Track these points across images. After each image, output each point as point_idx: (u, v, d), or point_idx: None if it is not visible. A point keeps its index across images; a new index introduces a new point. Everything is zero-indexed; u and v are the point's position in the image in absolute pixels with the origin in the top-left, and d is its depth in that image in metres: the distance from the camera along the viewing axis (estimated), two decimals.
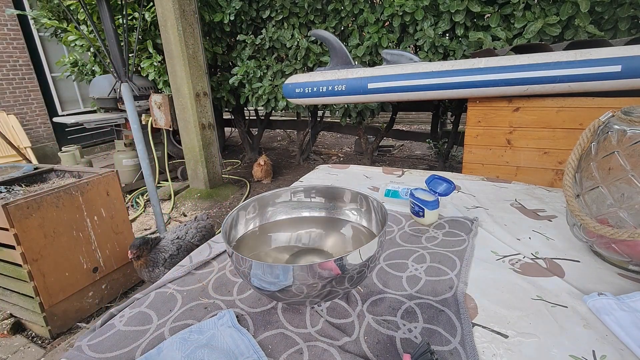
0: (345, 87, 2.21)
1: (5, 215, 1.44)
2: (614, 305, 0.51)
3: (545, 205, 0.89)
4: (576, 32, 2.16)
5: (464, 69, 1.85)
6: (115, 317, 0.57)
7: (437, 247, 0.71)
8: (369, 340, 0.49)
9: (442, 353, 0.46)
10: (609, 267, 0.63)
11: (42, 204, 1.54)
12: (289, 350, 0.48)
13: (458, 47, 2.48)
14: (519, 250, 0.70)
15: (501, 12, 2.35)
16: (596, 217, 0.61)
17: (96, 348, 0.50)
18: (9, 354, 1.68)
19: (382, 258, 0.69)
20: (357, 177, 1.19)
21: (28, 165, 1.94)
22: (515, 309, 0.54)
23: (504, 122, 1.93)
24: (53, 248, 1.58)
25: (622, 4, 2.05)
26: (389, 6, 2.58)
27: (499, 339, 0.48)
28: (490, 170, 2.04)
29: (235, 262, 0.52)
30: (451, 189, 0.85)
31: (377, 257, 0.54)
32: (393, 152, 4.44)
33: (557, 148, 1.84)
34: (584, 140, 0.65)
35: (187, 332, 0.51)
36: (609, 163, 0.59)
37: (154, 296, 0.61)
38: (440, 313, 0.53)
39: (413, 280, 0.61)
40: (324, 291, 0.50)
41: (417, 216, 0.83)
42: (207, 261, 0.70)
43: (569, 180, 0.65)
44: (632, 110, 0.58)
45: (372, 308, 0.56)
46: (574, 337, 0.48)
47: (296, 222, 0.72)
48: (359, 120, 3.28)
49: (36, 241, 1.55)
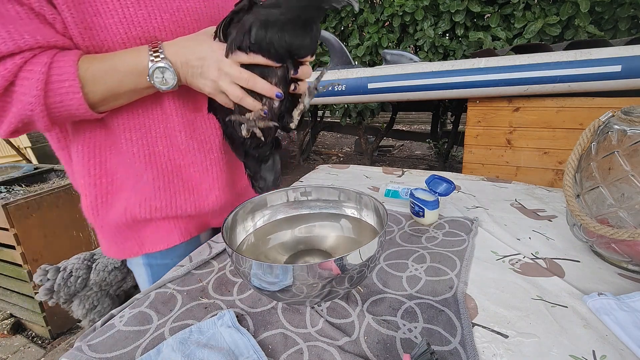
0: (345, 87, 2.21)
1: (5, 215, 1.44)
2: (614, 305, 0.51)
3: (545, 205, 0.89)
4: (576, 32, 2.16)
5: (464, 69, 1.85)
6: (115, 317, 0.57)
7: (437, 247, 0.71)
8: (369, 340, 0.49)
9: (442, 353, 0.46)
10: (609, 267, 0.63)
11: (42, 204, 1.54)
12: (289, 350, 0.48)
13: (458, 47, 2.48)
14: (519, 250, 0.70)
15: (501, 12, 2.35)
16: (596, 217, 0.61)
17: (96, 348, 0.50)
18: (9, 354, 1.68)
19: (382, 258, 0.69)
20: (357, 177, 1.19)
21: (28, 165, 1.94)
22: (515, 309, 0.54)
23: (504, 122, 1.93)
24: (53, 248, 1.59)
25: (622, 4, 2.05)
26: (389, 6, 2.58)
27: (499, 339, 0.48)
28: (490, 170, 2.04)
29: (235, 262, 0.52)
30: (451, 189, 0.85)
31: (377, 257, 0.54)
32: (393, 152, 4.45)
33: (557, 148, 1.84)
34: (584, 140, 0.65)
35: (187, 332, 0.51)
36: (609, 163, 0.60)
37: (154, 296, 0.61)
38: (440, 313, 0.53)
39: (413, 280, 0.61)
40: (324, 291, 0.50)
41: (417, 216, 0.83)
42: (207, 261, 0.70)
43: (569, 180, 0.65)
44: (632, 110, 0.58)
45: (372, 308, 0.56)
46: (574, 337, 0.48)
47: (296, 222, 0.72)
48: (359, 120, 3.28)
49: (36, 241, 1.55)
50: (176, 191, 0.69)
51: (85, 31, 0.53)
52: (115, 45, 0.55)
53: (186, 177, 0.69)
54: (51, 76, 0.49)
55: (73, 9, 0.51)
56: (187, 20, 0.60)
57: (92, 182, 0.65)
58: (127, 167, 0.65)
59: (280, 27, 0.51)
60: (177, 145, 0.66)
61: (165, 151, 0.66)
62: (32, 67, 0.48)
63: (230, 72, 0.53)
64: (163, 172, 0.67)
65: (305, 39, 0.53)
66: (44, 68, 0.48)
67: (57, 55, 0.50)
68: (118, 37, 0.55)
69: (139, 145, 0.64)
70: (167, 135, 0.65)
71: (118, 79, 0.54)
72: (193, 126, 0.67)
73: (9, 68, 0.47)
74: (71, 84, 0.50)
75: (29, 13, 0.49)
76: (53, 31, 0.51)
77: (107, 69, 0.53)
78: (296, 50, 0.54)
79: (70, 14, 0.51)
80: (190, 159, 0.68)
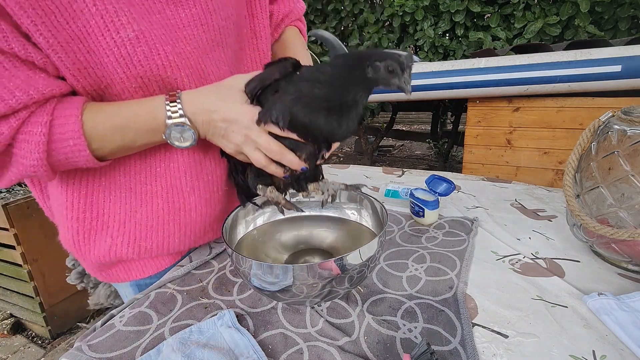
0: None
1: (5, 215, 1.44)
2: (614, 305, 0.51)
3: (545, 205, 0.89)
4: (576, 32, 2.16)
5: (464, 69, 1.85)
6: (115, 317, 0.57)
7: (437, 247, 0.71)
8: (369, 340, 0.49)
9: (442, 353, 0.46)
10: (609, 267, 0.63)
11: None
12: (289, 350, 0.48)
13: (458, 47, 2.48)
14: (519, 250, 0.70)
15: (501, 12, 2.35)
16: (596, 217, 0.61)
17: (96, 348, 0.50)
18: (9, 354, 1.68)
19: (382, 258, 0.69)
20: (357, 177, 1.19)
21: None
22: (515, 309, 0.54)
23: (504, 122, 1.93)
24: (53, 248, 1.59)
25: (622, 4, 2.05)
26: (389, 6, 2.58)
27: (499, 339, 0.48)
28: (490, 170, 2.04)
29: (235, 262, 0.52)
30: (451, 189, 0.85)
31: (377, 257, 0.54)
32: (393, 152, 4.45)
33: (557, 148, 1.84)
34: (584, 140, 0.65)
35: (187, 332, 0.51)
36: (609, 163, 0.60)
37: (154, 296, 0.61)
38: (440, 313, 0.53)
39: (413, 280, 0.61)
40: (324, 291, 0.50)
41: (417, 216, 0.83)
42: (207, 261, 0.70)
43: (569, 180, 0.65)
44: (632, 110, 0.58)
45: (372, 308, 0.56)
46: (574, 337, 0.48)
47: (296, 222, 0.72)
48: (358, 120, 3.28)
49: (36, 241, 1.55)
50: (171, 233, 0.62)
51: (79, 72, 0.46)
52: (114, 83, 0.48)
53: (184, 219, 0.63)
54: (53, 135, 0.44)
55: (61, 52, 0.43)
56: (189, 49, 0.52)
57: (74, 215, 0.57)
58: (117, 203, 0.58)
59: (319, 112, 0.48)
60: (178, 187, 0.60)
61: (164, 192, 0.59)
62: (31, 128, 0.43)
63: (259, 141, 0.50)
64: (158, 213, 0.60)
65: (343, 127, 0.50)
66: (44, 129, 0.43)
67: (56, 110, 0.45)
68: (116, 76, 0.47)
69: (135, 181, 0.57)
70: (169, 175, 0.59)
71: (131, 137, 0.49)
72: (200, 166, 0.60)
73: (4, 133, 0.42)
74: (76, 143, 0.45)
75: (14, 62, 0.41)
76: (46, 78, 0.44)
77: (117, 125, 0.48)
78: (332, 137, 0.52)
79: (59, 57, 0.43)
80: (193, 202, 0.62)
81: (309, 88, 0.48)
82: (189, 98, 0.50)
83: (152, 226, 0.61)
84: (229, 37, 0.58)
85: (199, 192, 0.62)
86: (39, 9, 0.39)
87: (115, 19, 0.44)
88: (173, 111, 0.48)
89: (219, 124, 0.50)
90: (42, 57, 0.43)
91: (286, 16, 0.75)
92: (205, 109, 0.49)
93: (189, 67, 0.52)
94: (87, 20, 0.42)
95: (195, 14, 0.52)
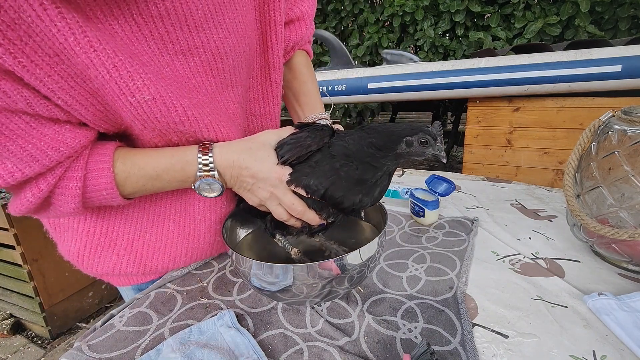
0: (345, 87, 2.21)
1: (5, 215, 1.44)
2: (614, 305, 0.51)
3: (545, 205, 0.89)
4: (576, 32, 2.16)
5: (464, 69, 1.85)
6: (115, 317, 0.57)
7: (437, 247, 0.71)
8: (369, 340, 0.49)
9: (442, 353, 0.46)
10: (609, 267, 0.63)
11: None
12: (289, 350, 0.48)
13: (458, 47, 2.48)
14: (519, 250, 0.70)
15: (501, 12, 2.35)
16: (596, 217, 0.61)
17: (96, 348, 0.50)
18: (9, 354, 1.68)
19: (382, 258, 0.69)
20: None
21: None
22: (515, 309, 0.54)
23: (504, 122, 1.93)
24: (53, 248, 1.58)
25: (622, 4, 2.05)
26: (389, 6, 2.58)
27: (499, 339, 0.48)
28: (490, 170, 2.04)
29: (235, 262, 0.52)
30: (451, 189, 0.85)
31: (377, 257, 0.54)
32: None
33: (557, 148, 1.84)
34: (584, 140, 0.65)
35: (187, 333, 0.51)
36: (609, 163, 0.60)
37: (153, 296, 0.61)
38: (441, 313, 0.53)
39: (413, 280, 0.61)
40: (324, 291, 0.50)
41: (417, 216, 0.83)
42: (207, 261, 0.70)
43: (569, 180, 0.65)
44: (632, 110, 0.58)
45: (372, 308, 0.56)
46: (574, 337, 0.48)
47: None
48: (359, 120, 3.28)
49: (36, 241, 1.55)
50: (177, 255, 0.63)
51: (99, 121, 0.47)
52: (133, 125, 0.48)
53: (192, 244, 0.64)
54: (87, 187, 0.47)
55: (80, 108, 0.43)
56: (203, 99, 0.52)
57: (85, 228, 0.58)
58: (128, 221, 0.59)
59: (353, 190, 0.50)
60: (191, 213, 0.61)
61: (176, 216, 0.60)
62: (67, 182, 0.46)
63: (283, 199, 0.51)
64: (168, 235, 0.61)
65: (371, 199, 0.52)
66: (79, 183, 0.46)
67: (90, 164, 0.46)
68: (135, 128, 0.48)
69: (150, 201, 0.59)
70: (184, 200, 0.60)
71: (160, 186, 0.51)
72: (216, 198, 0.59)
73: (43, 189, 0.44)
74: (109, 193, 0.48)
75: (41, 120, 0.42)
76: (72, 130, 0.44)
77: (149, 176, 0.50)
78: (359, 208, 0.54)
79: (79, 113, 0.44)
80: (203, 229, 0.63)
81: (344, 168, 0.50)
82: (220, 152, 0.51)
83: (160, 248, 0.62)
84: (240, 75, 0.57)
85: (210, 222, 0.63)
86: (54, 75, 0.40)
87: (130, 83, 0.43)
88: (205, 163, 0.50)
89: (247, 179, 0.52)
90: (64, 113, 0.43)
91: (297, 43, 0.71)
92: (236, 165, 0.51)
93: (207, 115, 0.52)
94: (102, 85, 0.42)
95: (205, 60, 0.50)
